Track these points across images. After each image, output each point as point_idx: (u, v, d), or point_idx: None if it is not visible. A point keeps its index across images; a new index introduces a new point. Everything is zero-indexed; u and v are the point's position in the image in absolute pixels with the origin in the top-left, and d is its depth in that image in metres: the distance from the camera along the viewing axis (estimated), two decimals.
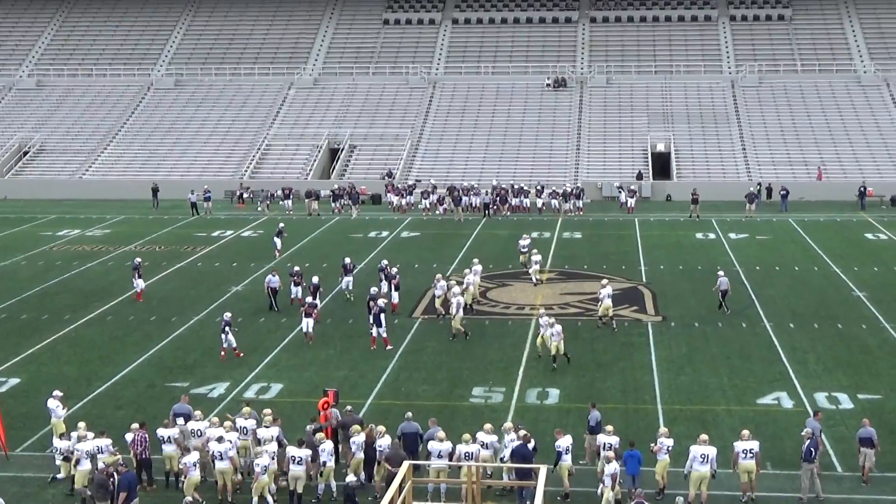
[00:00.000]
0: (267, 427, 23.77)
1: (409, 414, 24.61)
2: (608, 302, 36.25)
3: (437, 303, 37.51)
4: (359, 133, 76.59)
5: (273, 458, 22.67)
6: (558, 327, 31.74)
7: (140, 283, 41.25)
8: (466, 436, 22.94)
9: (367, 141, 76.06)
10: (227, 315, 33.41)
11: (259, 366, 32.48)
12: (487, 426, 23.62)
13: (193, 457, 22.60)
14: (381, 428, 23.65)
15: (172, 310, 39.76)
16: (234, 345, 32.87)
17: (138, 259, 42.97)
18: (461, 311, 35.11)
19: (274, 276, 39.66)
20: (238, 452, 23.25)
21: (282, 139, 76.69)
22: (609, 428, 23.66)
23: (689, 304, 39.59)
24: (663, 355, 33.15)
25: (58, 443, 23.94)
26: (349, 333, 35.92)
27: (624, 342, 34.71)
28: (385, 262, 41.23)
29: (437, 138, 75.93)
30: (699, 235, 54.42)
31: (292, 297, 39.45)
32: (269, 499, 22.40)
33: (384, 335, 33.92)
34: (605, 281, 38.01)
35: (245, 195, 67.27)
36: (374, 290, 37.25)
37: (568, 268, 46.20)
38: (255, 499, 22.25)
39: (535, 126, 76.08)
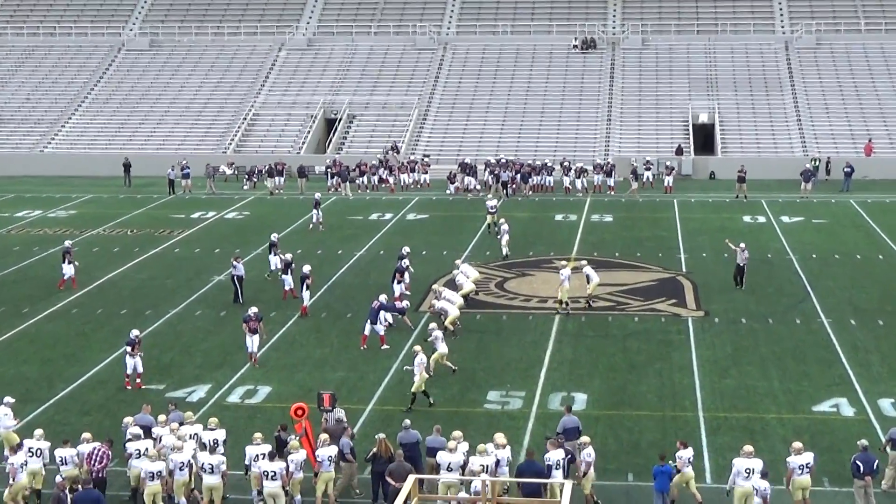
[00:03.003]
0: (213, 430, 24.28)
1: (408, 422, 24.69)
2: (567, 285, 37.47)
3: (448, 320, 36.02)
4: (359, 101, 76.55)
5: (193, 461, 23.11)
6: (422, 357, 29.05)
7: (69, 270, 41.43)
8: (482, 446, 22.95)
9: (368, 110, 76.04)
10: (135, 333, 31.51)
11: (244, 366, 32.53)
12: (499, 437, 23.59)
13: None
14: (324, 436, 23.70)
15: (146, 302, 39.84)
16: (140, 370, 30.90)
17: (69, 242, 43.39)
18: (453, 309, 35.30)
19: (237, 262, 39.76)
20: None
21: (271, 108, 76.70)
22: (584, 440, 23.53)
23: (734, 297, 39.51)
24: (705, 355, 33.13)
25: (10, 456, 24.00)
26: (347, 329, 35.95)
27: (661, 340, 34.70)
28: (406, 250, 41.08)
29: (448, 107, 75.86)
30: (747, 219, 54.32)
31: (286, 288, 39.51)
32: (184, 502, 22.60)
33: (381, 333, 33.96)
34: (563, 263, 39.04)
35: (229, 171, 67.12)
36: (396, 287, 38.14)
37: (597, 255, 46.13)
38: (180, 500, 22.49)
39: (559, 94, 75.93)
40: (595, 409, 28.81)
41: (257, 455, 23.28)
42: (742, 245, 41.28)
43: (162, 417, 25.10)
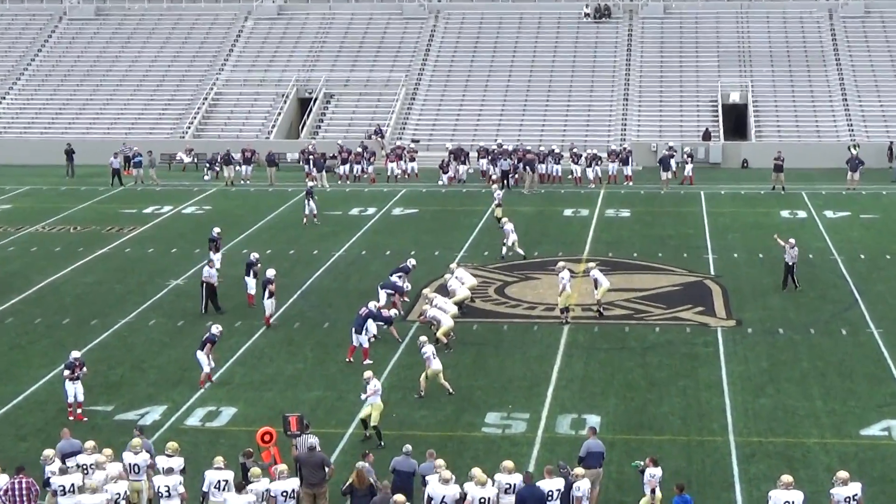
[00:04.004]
0: (170, 456, 24.09)
1: (409, 447, 24.61)
2: (569, 289, 37.38)
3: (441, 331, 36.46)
4: (337, 79, 76.60)
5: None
6: (375, 383, 28.58)
7: None
8: (482, 475, 22.89)
9: (347, 89, 76.06)
10: (75, 354, 30.92)
11: (205, 384, 32.51)
12: (508, 464, 23.60)
13: None
14: (283, 467, 23.59)
15: (92, 310, 39.80)
16: (81, 399, 30.37)
17: None
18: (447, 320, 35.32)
19: (210, 267, 39.64)
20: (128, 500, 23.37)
21: (236, 87, 76.70)
22: (577, 471, 23.25)
23: (771, 303, 39.59)
24: (737, 371, 33.15)
25: None
26: (324, 342, 35.94)
27: (686, 354, 34.72)
28: (413, 263, 40.89)
29: (441, 85, 75.92)
30: (785, 213, 54.42)
31: (249, 292, 39.47)
32: None
33: (365, 345, 33.97)
34: (562, 264, 38.79)
35: (187, 159, 67.12)
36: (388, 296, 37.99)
37: (612, 255, 46.21)
38: None
39: (569, 70, 76.00)
40: (610, 432, 28.75)
41: (219, 482, 23.21)
42: (791, 241, 41.20)
43: (89, 443, 24.87)
